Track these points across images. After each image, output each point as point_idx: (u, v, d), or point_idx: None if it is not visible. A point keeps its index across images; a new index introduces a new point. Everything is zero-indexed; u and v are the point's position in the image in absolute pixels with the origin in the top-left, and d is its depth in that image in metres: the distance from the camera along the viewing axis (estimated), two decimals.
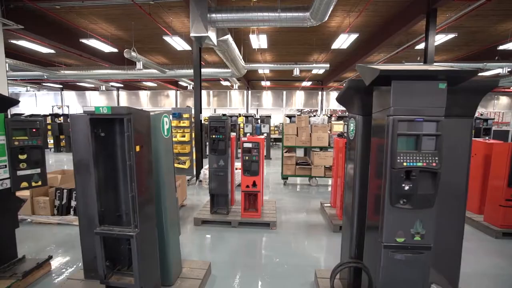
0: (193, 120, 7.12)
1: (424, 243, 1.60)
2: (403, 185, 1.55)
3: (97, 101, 20.76)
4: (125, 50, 8.52)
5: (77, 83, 18.28)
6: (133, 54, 8.75)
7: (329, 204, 4.88)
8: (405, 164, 1.53)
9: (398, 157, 1.54)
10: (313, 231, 4.04)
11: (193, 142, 7.06)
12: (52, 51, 10.77)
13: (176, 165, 6.89)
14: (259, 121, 12.44)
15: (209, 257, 3.25)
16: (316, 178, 6.74)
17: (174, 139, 6.86)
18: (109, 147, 1.94)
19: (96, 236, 1.82)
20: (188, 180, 6.88)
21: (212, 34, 6.40)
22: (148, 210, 2.01)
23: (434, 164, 1.53)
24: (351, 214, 2.25)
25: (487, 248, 3.60)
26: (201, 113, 6.88)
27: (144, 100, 20.86)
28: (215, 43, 6.63)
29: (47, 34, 8.75)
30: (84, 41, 9.11)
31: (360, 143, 2.13)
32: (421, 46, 9.77)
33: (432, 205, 1.57)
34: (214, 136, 4.11)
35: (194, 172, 7.02)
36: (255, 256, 3.34)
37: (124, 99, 20.83)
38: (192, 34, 5.83)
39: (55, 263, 3.06)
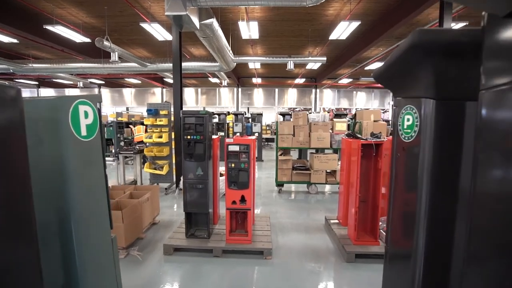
0: (172, 118, 6.06)
1: None
2: None
3: None
4: (96, 39, 7.41)
5: (54, 80, 16.88)
6: (106, 43, 7.62)
7: (336, 220, 3.94)
8: None
9: None
10: (320, 262, 3.08)
11: (173, 144, 6.00)
12: (14, 40, 9.51)
13: (152, 171, 5.83)
14: (249, 119, 11.45)
15: None
16: (316, 185, 5.81)
17: (149, 140, 5.78)
18: None
19: None
20: (166, 188, 5.84)
21: (193, 16, 5.38)
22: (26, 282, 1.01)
23: None
24: (411, 263, 1.30)
25: None
26: (181, 109, 5.84)
27: (128, 98, 19.67)
28: (197, 26, 5.62)
29: (5, 19, 7.54)
30: (49, 27, 7.90)
31: (430, 148, 1.18)
32: None
33: None
34: (189, 137, 3.09)
35: (174, 179, 5.97)
36: None
37: (107, 96, 19.56)
38: (167, 13, 4.81)
39: None
